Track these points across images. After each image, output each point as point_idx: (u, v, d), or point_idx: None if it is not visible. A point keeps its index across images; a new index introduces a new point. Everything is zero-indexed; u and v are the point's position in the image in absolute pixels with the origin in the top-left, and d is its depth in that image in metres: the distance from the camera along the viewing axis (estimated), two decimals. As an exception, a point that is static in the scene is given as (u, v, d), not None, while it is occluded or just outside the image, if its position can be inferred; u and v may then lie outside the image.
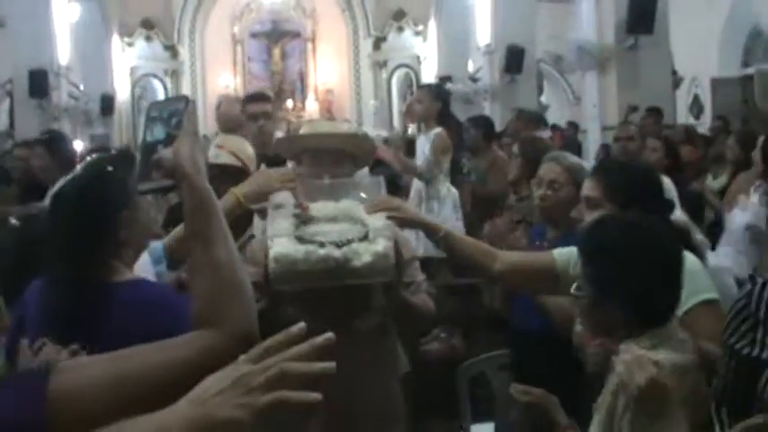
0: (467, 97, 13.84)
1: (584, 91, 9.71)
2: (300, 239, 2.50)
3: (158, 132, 1.70)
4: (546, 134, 6.24)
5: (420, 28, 17.06)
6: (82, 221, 1.94)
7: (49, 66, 11.65)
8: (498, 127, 7.54)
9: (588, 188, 2.78)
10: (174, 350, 1.40)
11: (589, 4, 8.82)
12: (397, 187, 4.62)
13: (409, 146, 6.36)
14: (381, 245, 2.50)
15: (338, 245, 2.46)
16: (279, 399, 1.10)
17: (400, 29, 17.42)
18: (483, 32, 12.96)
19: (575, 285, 2.22)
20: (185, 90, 16.98)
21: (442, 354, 4.35)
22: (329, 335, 1.16)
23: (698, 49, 12.00)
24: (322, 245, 2.46)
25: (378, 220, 2.58)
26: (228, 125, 4.72)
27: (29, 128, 10.08)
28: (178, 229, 2.50)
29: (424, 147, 5.65)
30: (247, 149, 3.42)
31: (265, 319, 2.18)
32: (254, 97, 4.75)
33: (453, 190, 5.63)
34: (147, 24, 16.85)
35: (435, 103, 5.75)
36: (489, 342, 3.99)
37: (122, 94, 16.29)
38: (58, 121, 11.59)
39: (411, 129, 7.21)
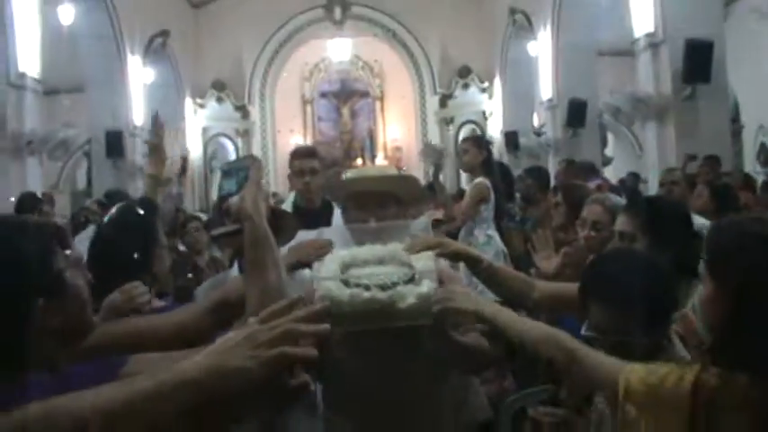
0: (532, 151, 13.96)
1: (645, 141, 9.73)
2: (346, 283, 2.47)
3: (230, 186, 2.04)
4: (594, 183, 6.30)
5: (485, 84, 17.22)
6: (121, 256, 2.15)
7: (124, 127, 12.10)
8: (561, 179, 7.63)
9: (621, 223, 2.98)
10: None
11: (646, 56, 8.88)
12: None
13: None
14: (426, 286, 2.48)
15: (383, 287, 2.44)
16: (282, 353, 1.32)
17: (466, 85, 17.59)
18: (546, 87, 13.12)
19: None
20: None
21: (492, 395, 4.44)
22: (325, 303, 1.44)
23: (765, 97, 11.91)
24: (367, 287, 2.44)
25: (424, 263, 2.57)
26: None
27: (105, 186, 10.42)
28: None
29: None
30: None
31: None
32: (301, 153, 4.65)
33: (496, 238, 5.75)
34: (219, 86, 17.29)
35: (480, 152, 5.91)
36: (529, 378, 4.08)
37: (194, 153, 16.72)
38: (133, 179, 11.97)
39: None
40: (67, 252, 1.58)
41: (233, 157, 15.95)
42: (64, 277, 1.55)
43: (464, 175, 7.30)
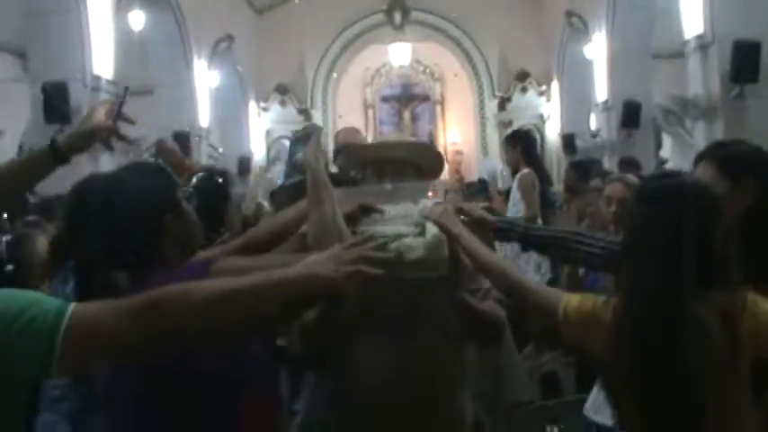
0: (588, 153, 14.08)
1: (696, 142, 9.86)
2: (354, 232, 2.49)
3: (298, 150, 2.73)
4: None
5: (543, 88, 17.37)
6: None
7: (191, 128, 12.56)
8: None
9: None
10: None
11: (696, 58, 9.03)
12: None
13: None
14: (435, 239, 2.51)
15: (391, 239, 2.43)
16: (358, 269, 1.86)
17: (524, 89, 17.73)
18: (601, 90, 13.27)
19: None
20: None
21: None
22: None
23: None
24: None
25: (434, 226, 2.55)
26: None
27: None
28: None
29: (515, 191, 6.11)
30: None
31: (326, 327, 2.56)
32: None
33: (539, 224, 6.05)
34: (282, 90, 17.70)
35: (515, 150, 6.23)
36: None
37: (258, 155, 17.14)
38: (198, 177, 12.36)
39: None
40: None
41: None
42: (182, 203, 2.26)
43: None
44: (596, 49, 13.48)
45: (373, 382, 2.64)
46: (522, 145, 6.44)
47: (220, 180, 3.63)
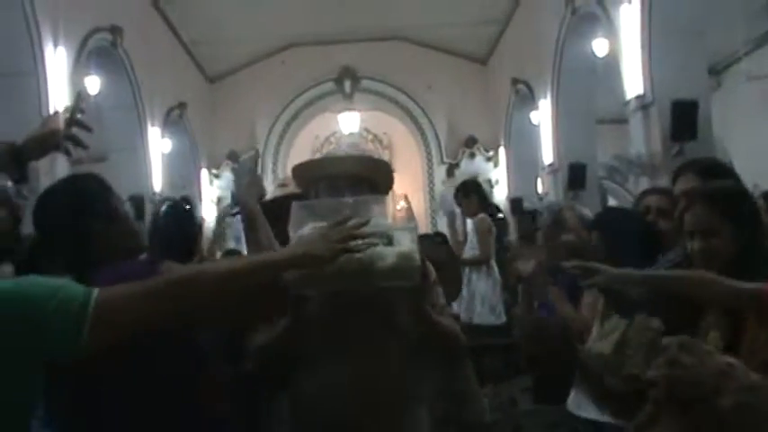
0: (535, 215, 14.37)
1: (638, 198, 10.17)
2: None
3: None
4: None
5: (491, 153, 17.76)
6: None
7: (145, 192, 12.63)
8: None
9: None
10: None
11: (637, 117, 9.42)
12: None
13: None
14: (406, 246, 2.47)
15: (362, 248, 2.36)
16: (346, 247, 2.21)
17: (472, 155, 18.09)
18: (547, 153, 13.65)
19: None
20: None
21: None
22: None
23: (759, 156, 12.35)
24: None
25: (403, 234, 2.53)
26: None
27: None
28: None
29: (471, 235, 6.32)
30: None
31: (290, 338, 2.60)
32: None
33: (495, 269, 6.26)
34: (233, 157, 17.74)
35: (469, 199, 6.47)
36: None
37: (209, 220, 17.14)
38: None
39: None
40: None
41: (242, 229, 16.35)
42: (118, 209, 2.46)
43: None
44: (542, 114, 13.88)
45: (332, 400, 2.62)
46: (476, 193, 6.70)
47: (187, 207, 3.92)
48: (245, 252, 3.03)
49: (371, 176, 2.92)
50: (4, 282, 1.90)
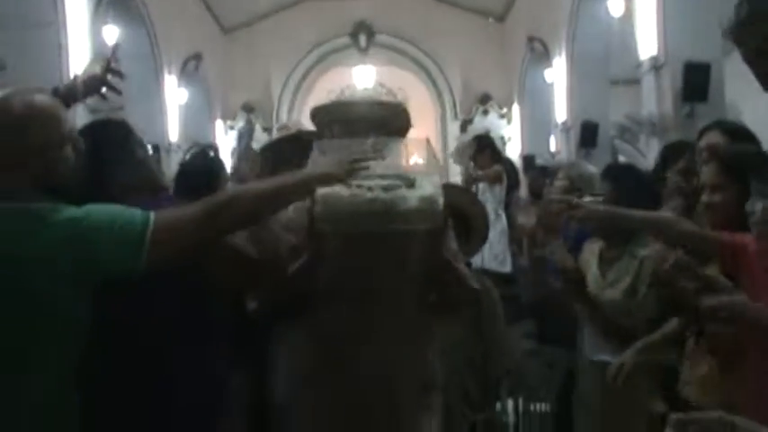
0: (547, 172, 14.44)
1: (648, 158, 10.28)
2: (348, 184, 2.44)
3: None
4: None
5: (504, 110, 17.83)
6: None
7: (161, 142, 12.77)
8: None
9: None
10: None
11: (650, 78, 9.48)
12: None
13: None
14: (429, 190, 2.46)
15: (386, 189, 2.43)
16: (359, 166, 2.38)
17: (485, 112, 18.15)
18: (560, 112, 13.75)
19: None
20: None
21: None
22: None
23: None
24: (370, 189, 2.43)
25: (425, 179, 2.51)
26: None
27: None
28: None
29: (484, 187, 6.50)
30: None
31: (304, 276, 2.57)
32: None
33: (503, 218, 6.42)
34: (248, 108, 17.92)
35: (484, 153, 6.61)
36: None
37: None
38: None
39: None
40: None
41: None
42: (136, 151, 2.61)
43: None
44: (556, 73, 13.96)
45: (343, 341, 2.61)
46: (490, 147, 6.84)
47: (212, 154, 4.12)
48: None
49: (388, 119, 2.84)
50: (76, 209, 2.11)
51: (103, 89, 2.87)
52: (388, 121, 2.82)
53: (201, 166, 3.78)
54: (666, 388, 3.07)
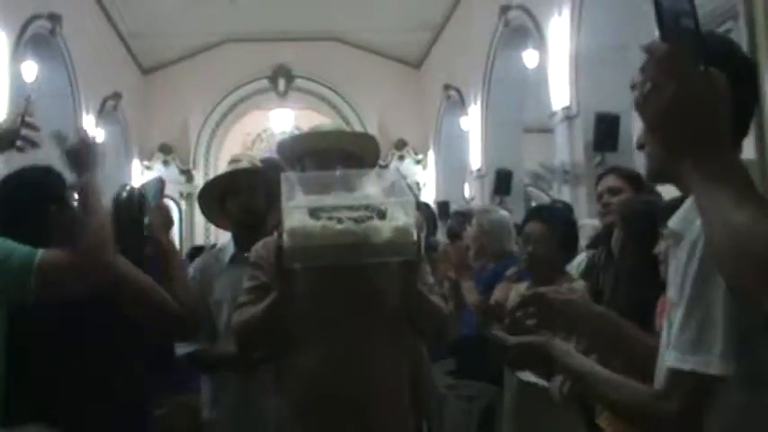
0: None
1: (562, 204, 10.63)
2: (317, 216, 2.33)
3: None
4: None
5: (420, 156, 18.14)
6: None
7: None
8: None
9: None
10: None
11: (562, 128, 9.85)
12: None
13: None
14: (402, 220, 2.37)
15: (357, 221, 2.31)
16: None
17: (401, 157, 18.41)
18: (475, 159, 14.05)
19: None
20: (198, 212, 17.68)
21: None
22: None
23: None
24: (340, 221, 2.31)
25: (398, 210, 2.42)
26: None
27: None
28: None
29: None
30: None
31: (277, 314, 2.55)
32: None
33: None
34: (166, 149, 17.86)
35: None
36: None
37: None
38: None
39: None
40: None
41: (177, 217, 16.41)
42: (67, 199, 2.73)
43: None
44: (471, 120, 14.29)
45: (320, 380, 2.61)
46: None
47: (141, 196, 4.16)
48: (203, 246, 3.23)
49: (358, 151, 2.87)
50: None
51: (18, 142, 2.93)
52: (359, 152, 2.86)
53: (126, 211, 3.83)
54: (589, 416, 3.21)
